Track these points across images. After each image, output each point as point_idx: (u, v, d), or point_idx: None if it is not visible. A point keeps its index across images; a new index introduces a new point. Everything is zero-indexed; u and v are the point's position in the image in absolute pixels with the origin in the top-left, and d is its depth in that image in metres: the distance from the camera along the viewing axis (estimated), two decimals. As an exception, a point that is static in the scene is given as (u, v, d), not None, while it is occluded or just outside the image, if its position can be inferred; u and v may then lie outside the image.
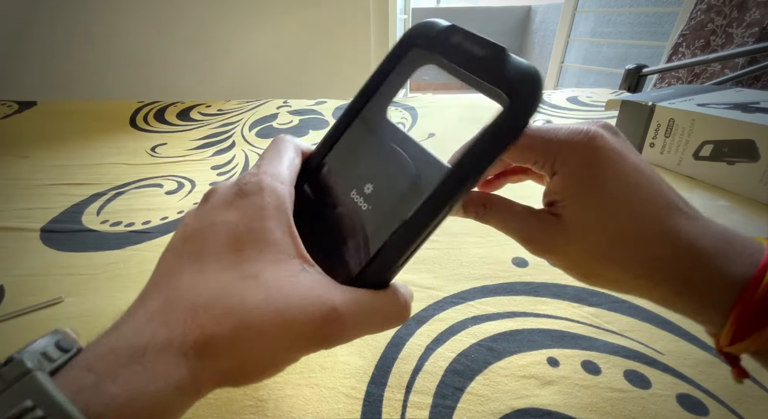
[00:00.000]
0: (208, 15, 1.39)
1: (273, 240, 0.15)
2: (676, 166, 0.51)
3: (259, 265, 0.15)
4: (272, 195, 0.16)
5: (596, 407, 0.24)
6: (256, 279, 0.14)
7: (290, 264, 0.15)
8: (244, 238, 0.15)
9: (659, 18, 2.03)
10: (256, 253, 0.15)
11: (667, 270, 0.17)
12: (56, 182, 0.56)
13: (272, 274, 0.14)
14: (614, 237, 0.17)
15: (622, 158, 0.17)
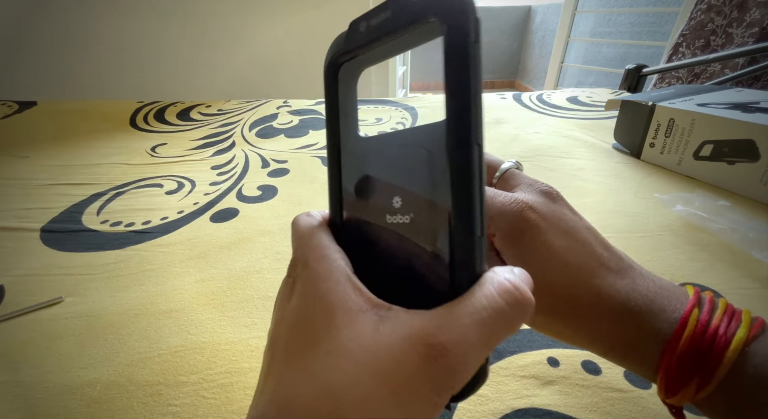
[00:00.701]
0: (209, 15, 1.39)
1: (337, 301, 0.14)
2: (676, 166, 0.51)
3: (334, 335, 0.13)
4: (318, 260, 0.15)
5: (596, 407, 0.24)
6: (336, 352, 0.13)
7: (365, 319, 0.13)
8: (311, 315, 0.14)
9: (659, 18, 2.03)
10: (326, 324, 0.14)
11: (599, 331, 0.18)
12: (56, 182, 0.56)
13: (350, 339, 0.13)
14: (549, 298, 0.18)
15: (551, 226, 0.19)
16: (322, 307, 0.14)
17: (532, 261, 0.19)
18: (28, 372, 0.28)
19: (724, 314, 0.16)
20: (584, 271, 0.18)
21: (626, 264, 0.19)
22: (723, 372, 0.15)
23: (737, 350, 0.15)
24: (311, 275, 0.15)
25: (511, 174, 0.22)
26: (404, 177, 0.16)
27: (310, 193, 0.50)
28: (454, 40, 0.13)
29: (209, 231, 0.43)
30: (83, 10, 1.34)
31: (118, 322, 0.31)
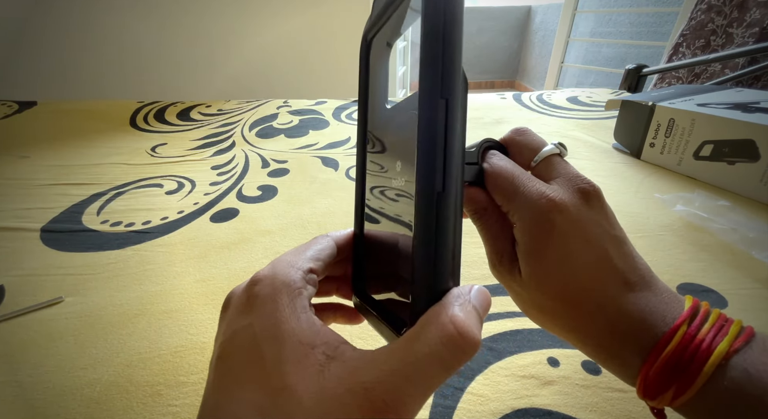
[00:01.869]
0: (209, 15, 1.39)
1: (289, 334, 0.14)
2: (676, 166, 0.51)
3: (283, 371, 0.13)
4: (285, 281, 0.15)
5: (596, 407, 0.24)
6: (286, 392, 0.13)
7: (312, 358, 0.14)
8: (262, 340, 0.14)
9: (659, 18, 2.03)
10: (276, 357, 0.14)
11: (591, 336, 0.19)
12: (56, 182, 0.56)
13: (299, 379, 0.13)
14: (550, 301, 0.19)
15: (575, 234, 0.18)
16: (275, 337, 0.14)
17: (545, 262, 0.18)
18: (28, 372, 0.28)
19: (712, 327, 0.17)
20: (594, 282, 0.18)
21: (640, 277, 0.19)
22: (700, 384, 0.16)
23: (715, 363, 0.16)
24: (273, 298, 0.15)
25: (552, 161, 0.21)
26: (402, 140, 0.16)
27: (310, 192, 0.50)
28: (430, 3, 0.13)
29: (209, 231, 0.43)
30: (83, 10, 1.34)
31: (118, 322, 0.31)
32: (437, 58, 0.13)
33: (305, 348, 0.14)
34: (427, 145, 0.13)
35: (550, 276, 0.18)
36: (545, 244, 0.18)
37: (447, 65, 0.13)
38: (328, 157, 0.60)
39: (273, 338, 0.14)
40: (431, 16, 0.13)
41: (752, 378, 0.15)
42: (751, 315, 0.30)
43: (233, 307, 0.16)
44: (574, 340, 0.19)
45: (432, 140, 0.13)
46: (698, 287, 0.33)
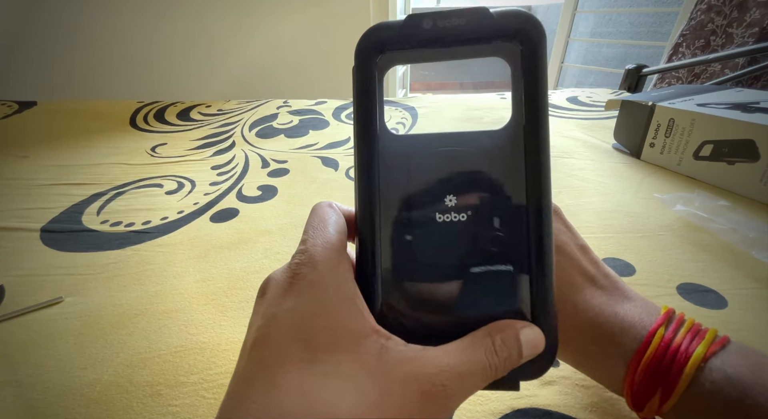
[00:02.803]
0: (208, 15, 1.39)
1: (343, 320, 0.14)
2: (676, 166, 0.51)
3: (336, 357, 0.13)
4: (329, 267, 0.15)
5: (596, 407, 0.24)
6: (338, 376, 0.13)
7: (368, 345, 0.14)
8: (311, 326, 0.14)
9: (659, 18, 2.03)
10: (328, 342, 0.13)
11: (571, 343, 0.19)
12: (56, 182, 0.56)
13: (353, 364, 0.13)
14: None
15: None
16: (326, 323, 0.14)
17: None
18: (28, 372, 0.28)
19: (688, 332, 0.17)
20: (566, 284, 0.19)
21: (611, 283, 0.20)
22: (683, 387, 0.16)
23: (695, 365, 0.16)
24: (319, 282, 0.14)
25: None
26: (458, 176, 0.16)
27: (310, 192, 0.50)
28: (532, 60, 0.16)
29: (209, 231, 0.43)
30: (83, 10, 1.34)
31: (118, 322, 0.31)
32: (545, 117, 0.16)
33: (357, 337, 0.14)
34: (541, 191, 0.15)
35: None
36: None
37: (548, 123, 0.16)
38: (328, 157, 0.60)
39: (324, 327, 0.14)
40: (540, 83, 0.15)
41: (731, 380, 0.16)
42: (751, 315, 0.30)
43: (273, 291, 0.15)
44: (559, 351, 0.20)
45: (546, 187, 0.15)
46: (698, 287, 0.33)
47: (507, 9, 0.16)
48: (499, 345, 0.14)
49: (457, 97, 0.87)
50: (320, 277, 0.14)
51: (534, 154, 0.15)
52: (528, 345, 0.15)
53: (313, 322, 0.14)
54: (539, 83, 0.15)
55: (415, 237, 0.16)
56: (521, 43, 0.15)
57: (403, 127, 0.71)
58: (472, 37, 0.16)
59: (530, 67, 0.16)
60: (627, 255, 0.37)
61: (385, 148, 0.17)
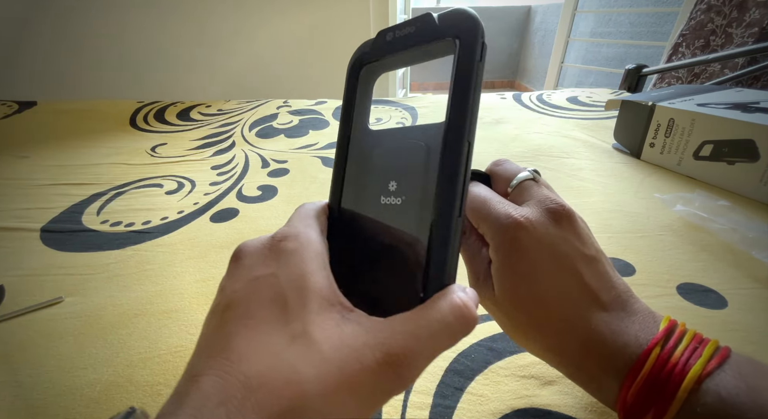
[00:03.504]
0: (208, 15, 1.39)
1: (315, 287, 0.15)
2: (676, 166, 0.51)
3: (305, 319, 0.14)
4: (309, 241, 0.16)
5: (596, 407, 0.24)
6: (305, 337, 0.14)
7: (332, 313, 0.14)
8: (287, 289, 0.15)
9: (659, 18, 2.03)
10: (300, 305, 0.14)
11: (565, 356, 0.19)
12: (56, 182, 0.56)
13: (319, 328, 0.14)
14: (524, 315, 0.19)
15: (542, 251, 0.19)
16: (301, 287, 0.15)
17: (513, 278, 0.19)
18: (28, 372, 0.28)
19: (686, 349, 0.17)
20: (562, 299, 0.19)
21: (614, 297, 0.19)
22: (675, 409, 0.16)
23: (687, 389, 0.16)
24: (299, 251, 0.16)
25: (525, 186, 0.22)
26: (402, 165, 0.18)
27: (310, 192, 0.50)
28: (464, 59, 0.16)
29: (209, 231, 0.43)
30: (83, 10, 1.34)
31: (118, 322, 0.31)
32: (465, 115, 0.16)
33: (326, 303, 0.15)
34: (452, 180, 0.16)
35: (519, 292, 0.19)
36: (512, 261, 0.19)
37: (474, 114, 0.16)
38: (328, 157, 0.60)
39: (298, 288, 0.15)
40: (468, 82, 0.16)
41: (725, 404, 0.15)
42: (750, 315, 0.30)
43: (251, 257, 0.16)
44: (551, 361, 0.20)
45: (455, 177, 0.16)
46: (698, 287, 0.33)
47: (449, 10, 0.17)
48: (468, 300, 0.15)
49: (457, 97, 0.87)
50: (300, 248, 0.16)
51: (446, 152, 0.16)
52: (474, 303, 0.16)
53: (291, 285, 0.15)
54: (469, 78, 0.16)
55: (364, 219, 0.19)
56: (458, 39, 0.16)
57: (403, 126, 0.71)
58: (420, 40, 0.18)
59: (461, 61, 0.16)
60: (627, 255, 0.37)
61: (359, 143, 0.21)
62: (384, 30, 0.20)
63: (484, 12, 3.51)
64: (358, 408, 0.13)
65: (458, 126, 0.16)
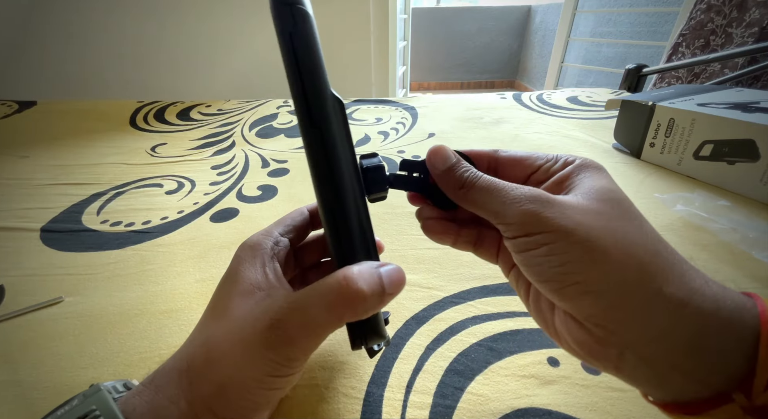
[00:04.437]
0: (208, 15, 1.39)
1: (244, 278, 0.19)
2: (676, 165, 0.51)
3: (230, 299, 0.18)
4: (250, 245, 0.21)
5: (596, 407, 0.24)
6: (225, 310, 0.18)
7: (256, 295, 0.18)
8: (224, 282, 0.20)
9: (659, 18, 2.03)
10: (228, 290, 0.19)
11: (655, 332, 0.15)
12: (56, 182, 0.56)
13: (239, 304, 0.18)
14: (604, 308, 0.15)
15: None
16: (232, 280, 0.19)
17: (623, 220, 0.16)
18: (28, 372, 0.28)
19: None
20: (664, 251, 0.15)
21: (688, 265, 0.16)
22: None
23: None
24: (240, 255, 0.20)
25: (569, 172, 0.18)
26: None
27: (310, 192, 0.50)
28: (279, 35, 0.16)
29: (209, 231, 0.43)
30: (83, 10, 1.34)
31: (118, 322, 0.31)
32: (299, 92, 0.16)
33: (252, 288, 0.18)
34: (314, 170, 0.18)
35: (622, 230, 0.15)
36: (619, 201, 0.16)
37: (311, 94, 0.17)
38: (328, 157, 0.60)
39: (231, 280, 0.19)
40: (284, 49, 0.16)
41: None
42: (751, 315, 0.30)
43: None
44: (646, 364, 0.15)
45: (315, 166, 0.18)
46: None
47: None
48: (353, 275, 0.17)
49: (457, 97, 0.87)
50: (242, 252, 0.21)
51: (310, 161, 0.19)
52: (389, 279, 0.18)
53: (225, 281, 0.20)
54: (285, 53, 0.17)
55: None
56: (274, 19, 0.17)
57: (403, 126, 0.71)
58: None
59: (278, 37, 0.17)
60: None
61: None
62: None
63: (484, 12, 3.51)
64: (253, 363, 0.16)
65: (298, 114, 0.17)
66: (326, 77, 0.17)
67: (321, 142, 0.17)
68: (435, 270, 0.36)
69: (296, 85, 0.16)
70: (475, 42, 3.62)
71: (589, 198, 0.16)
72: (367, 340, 0.19)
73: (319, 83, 0.16)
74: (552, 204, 0.16)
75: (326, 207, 0.19)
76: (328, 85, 0.17)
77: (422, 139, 0.65)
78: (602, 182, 0.17)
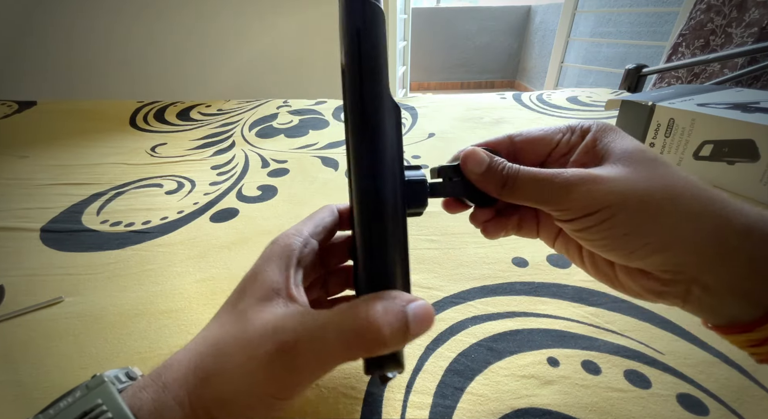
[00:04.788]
0: (209, 15, 1.39)
1: (267, 280, 0.18)
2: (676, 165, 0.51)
3: (249, 302, 0.17)
4: (281, 245, 0.19)
5: (596, 407, 0.24)
6: (243, 314, 0.17)
7: (275, 301, 0.17)
8: (248, 281, 0.19)
9: (659, 18, 2.03)
10: (250, 292, 0.18)
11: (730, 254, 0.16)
12: (56, 182, 0.56)
13: (256, 309, 0.17)
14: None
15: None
16: (255, 280, 0.18)
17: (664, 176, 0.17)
18: (28, 372, 0.28)
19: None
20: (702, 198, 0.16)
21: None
22: None
23: None
24: (267, 254, 0.19)
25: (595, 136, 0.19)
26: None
27: (310, 192, 0.50)
28: (348, 27, 0.15)
29: (209, 231, 0.43)
30: (83, 10, 1.34)
31: (118, 322, 0.31)
32: (356, 94, 0.15)
33: (271, 292, 0.18)
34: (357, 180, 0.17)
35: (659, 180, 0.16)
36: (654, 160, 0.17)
37: (368, 101, 0.15)
38: (328, 157, 0.60)
39: (252, 280, 0.18)
40: (349, 46, 0.15)
41: None
42: (750, 315, 0.30)
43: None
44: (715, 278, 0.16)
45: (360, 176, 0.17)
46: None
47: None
48: (377, 318, 0.15)
49: (457, 97, 0.87)
50: (270, 251, 0.19)
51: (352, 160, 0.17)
52: (416, 320, 0.16)
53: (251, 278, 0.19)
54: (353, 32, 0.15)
55: None
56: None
57: (403, 126, 0.71)
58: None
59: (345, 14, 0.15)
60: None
61: None
62: None
63: (484, 12, 3.51)
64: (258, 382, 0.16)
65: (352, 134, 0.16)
66: (387, 81, 0.16)
67: (371, 149, 0.15)
68: (435, 270, 0.36)
69: (354, 85, 0.15)
70: (475, 42, 3.61)
71: (627, 163, 0.17)
72: (383, 368, 0.18)
73: (379, 88, 0.15)
74: (599, 180, 0.16)
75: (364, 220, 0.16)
76: (388, 89, 0.16)
77: (422, 139, 0.65)
78: (628, 144, 0.18)
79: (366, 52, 0.15)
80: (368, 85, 0.15)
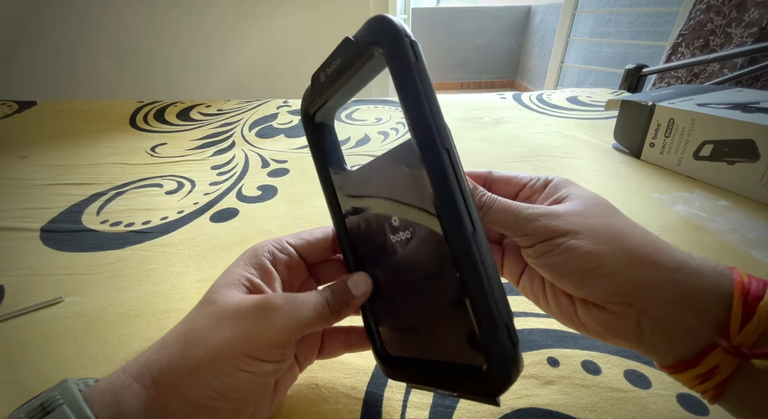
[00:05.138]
0: (208, 15, 1.39)
1: (231, 271, 0.21)
2: (676, 166, 0.51)
3: (217, 292, 0.20)
4: (252, 248, 0.22)
5: (596, 407, 0.24)
6: (212, 302, 0.20)
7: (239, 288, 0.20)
8: (220, 279, 0.21)
9: (659, 18, 2.03)
10: (219, 286, 0.21)
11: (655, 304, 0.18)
12: (56, 182, 0.56)
13: (221, 297, 0.20)
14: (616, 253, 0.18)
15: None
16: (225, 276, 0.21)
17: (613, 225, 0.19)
18: (28, 372, 0.28)
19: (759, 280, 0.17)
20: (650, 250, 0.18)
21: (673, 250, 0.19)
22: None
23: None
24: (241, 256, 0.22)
25: (557, 184, 0.22)
26: (395, 196, 0.18)
27: (309, 192, 0.50)
28: (397, 64, 0.15)
29: (209, 231, 0.43)
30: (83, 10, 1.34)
31: (118, 322, 0.31)
32: (427, 121, 0.15)
33: (239, 284, 0.20)
34: (445, 192, 0.15)
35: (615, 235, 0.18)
36: (605, 206, 0.21)
37: (439, 124, 0.15)
38: (328, 157, 0.60)
39: (224, 277, 0.21)
40: (413, 86, 0.15)
41: None
42: (750, 315, 0.30)
43: None
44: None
45: (447, 187, 0.15)
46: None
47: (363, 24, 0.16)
48: (332, 291, 0.20)
49: (457, 97, 0.87)
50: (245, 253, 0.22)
51: (428, 168, 0.15)
52: (355, 286, 0.20)
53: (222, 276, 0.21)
54: (411, 82, 0.15)
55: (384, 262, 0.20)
56: (380, 46, 0.16)
57: (403, 126, 0.71)
58: (349, 66, 0.18)
59: (395, 66, 0.15)
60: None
61: (345, 189, 0.22)
62: (315, 73, 0.20)
63: (484, 12, 3.51)
64: (231, 331, 0.18)
65: (427, 141, 0.15)
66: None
67: (451, 164, 0.15)
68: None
69: (421, 110, 0.15)
70: (475, 42, 3.61)
71: (582, 205, 0.20)
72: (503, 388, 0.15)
73: (440, 110, 0.15)
74: (558, 215, 0.19)
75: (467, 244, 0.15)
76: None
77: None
78: (585, 192, 0.22)
79: (424, 82, 0.15)
80: (434, 108, 0.15)
